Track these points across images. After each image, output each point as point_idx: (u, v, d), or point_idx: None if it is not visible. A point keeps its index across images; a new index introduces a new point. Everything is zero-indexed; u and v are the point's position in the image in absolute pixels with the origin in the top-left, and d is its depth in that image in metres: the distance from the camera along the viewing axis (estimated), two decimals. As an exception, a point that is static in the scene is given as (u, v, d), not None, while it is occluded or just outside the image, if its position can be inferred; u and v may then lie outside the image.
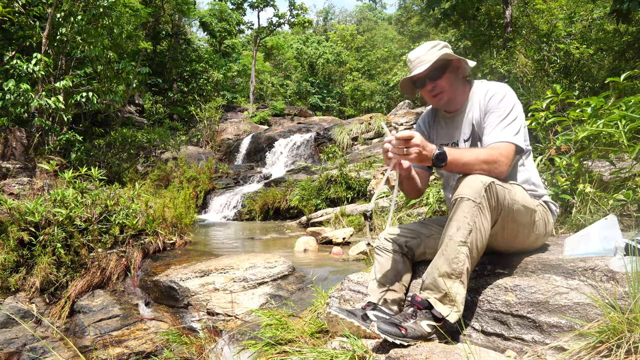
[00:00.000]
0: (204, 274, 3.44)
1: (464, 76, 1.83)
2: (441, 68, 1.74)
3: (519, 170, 1.75)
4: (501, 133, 1.63)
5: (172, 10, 19.61)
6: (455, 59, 1.77)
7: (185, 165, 11.05)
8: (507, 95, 1.70)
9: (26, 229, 3.88)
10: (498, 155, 1.57)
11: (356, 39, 35.38)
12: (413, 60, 1.79)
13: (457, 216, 1.50)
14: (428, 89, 1.78)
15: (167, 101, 19.41)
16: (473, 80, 1.85)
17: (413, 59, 1.79)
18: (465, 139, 1.80)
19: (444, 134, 1.90)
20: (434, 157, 1.49)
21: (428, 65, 1.70)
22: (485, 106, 1.72)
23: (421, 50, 1.78)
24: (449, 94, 1.78)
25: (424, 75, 1.75)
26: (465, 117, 1.80)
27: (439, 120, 1.94)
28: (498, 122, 1.66)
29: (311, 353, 1.61)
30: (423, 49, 1.78)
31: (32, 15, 8.13)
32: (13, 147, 7.01)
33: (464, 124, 1.81)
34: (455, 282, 1.50)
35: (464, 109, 1.81)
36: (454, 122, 1.86)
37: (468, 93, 1.82)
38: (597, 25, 8.90)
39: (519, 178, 1.74)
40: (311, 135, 14.01)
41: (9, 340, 3.23)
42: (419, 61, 1.76)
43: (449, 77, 1.76)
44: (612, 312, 1.25)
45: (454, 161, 1.51)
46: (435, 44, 1.78)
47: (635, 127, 2.49)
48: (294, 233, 6.26)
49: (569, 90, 4.81)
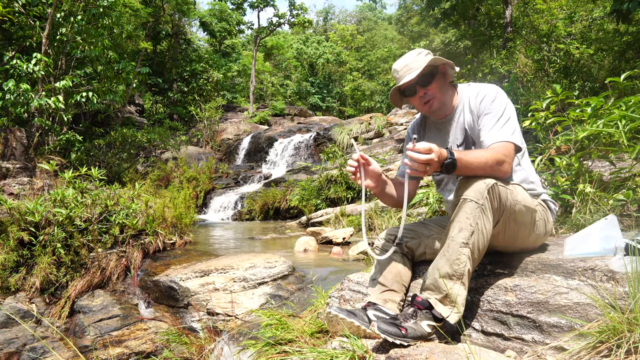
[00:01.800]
0: (204, 274, 3.44)
1: (451, 81, 1.83)
2: (430, 74, 1.73)
3: (515, 170, 1.75)
4: (499, 133, 1.63)
5: (172, 10, 19.62)
6: (441, 65, 1.76)
7: (185, 165, 11.06)
8: (499, 96, 1.70)
9: (26, 229, 3.88)
10: (502, 156, 1.56)
11: (356, 39, 35.40)
12: (400, 70, 1.76)
13: (459, 217, 1.50)
14: (419, 95, 1.76)
15: (167, 101, 19.42)
16: (457, 84, 1.85)
17: (399, 68, 1.76)
18: (459, 144, 1.80)
19: (435, 141, 1.88)
20: (443, 167, 1.46)
21: (418, 72, 1.68)
22: (478, 108, 1.72)
23: (407, 58, 1.76)
24: (439, 100, 1.77)
25: (414, 82, 1.73)
26: (456, 122, 1.80)
27: (429, 127, 1.93)
28: (494, 123, 1.65)
29: (311, 353, 1.61)
30: (409, 57, 1.76)
31: (32, 15, 8.13)
32: (13, 147, 7.02)
33: (456, 129, 1.81)
34: (456, 283, 1.50)
35: (454, 114, 1.81)
36: (444, 128, 1.85)
37: (456, 98, 1.81)
38: (597, 25, 8.90)
39: (517, 178, 1.74)
40: (311, 135, 14.01)
41: (9, 340, 3.23)
42: (407, 69, 1.73)
43: (439, 82, 1.76)
44: (612, 312, 1.25)
45: (463, 167, 1.49)
46: (419, 51, 1.77)
47: (635, 127, 2.49)
48: (294, 233, 6.26)
49: (569, 90, 4.81)
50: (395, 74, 1.79)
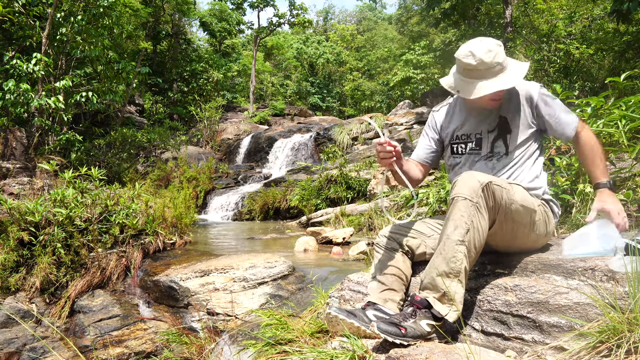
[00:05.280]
0: (204, 274, 3.44)
1: None
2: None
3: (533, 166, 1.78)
4: (569, 116, 1.76)
5: (172, 10, 19.62)
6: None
7: (185, 165, 11.05)
8: (542, 88, 1.78)
9: (26, 229, 3.88)
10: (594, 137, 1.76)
11: (356, 39, 35.40)
12: (478, 64, 1.63)
13: (454, 215, 1.51)
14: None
15: (167, 101, 19.42)
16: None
17: (492, 63, 1.63)
18: (490, 130, 1.81)
19: (467, 122, 1.87)
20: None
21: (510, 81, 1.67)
22: (530, 102, 1.76)
23: (490, 55, 1.62)
24: (500, 95, 1.76)
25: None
26: (496, 111, 1.80)
27: (463, 110, 1.91)
28: (560, 110, 1.76)
29: (311, 353, 1.61)
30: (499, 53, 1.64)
31: (32, 15, 8.13)
32: (13, 147, 7.02)
33: (491, 117, 1.81)
34: (453, 281, 1.50)
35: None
36: (482, 113, 1.83)
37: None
38: (597, 25, 8.90)
39: (532, 174, 1.76)
40: (311, 135, 14.01)
41: (9, 340, 3.23)
42: (500, 67, 1.65)
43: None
44: (612, 312, 1.25)
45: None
46: (490, 48, 1.63)
47: (635, 127, 2.49)
48: (294, 233, 6.26)
49: (569, 90, 4.81)
50: (470, 59, 1.63)
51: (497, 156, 1.79)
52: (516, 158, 1.77)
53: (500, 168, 1.78)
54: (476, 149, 1.84)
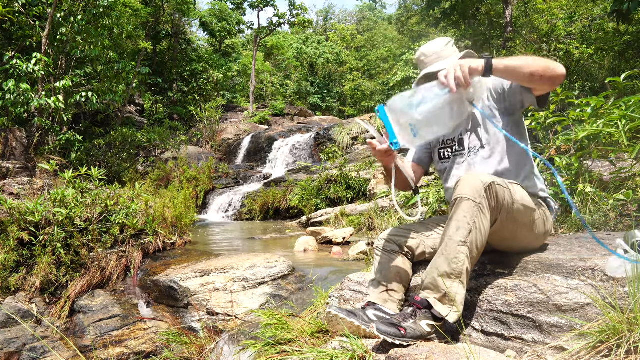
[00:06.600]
0: (204, 274, 3.44)
1: None
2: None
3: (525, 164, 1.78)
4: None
5: (172, 10, 19.62)
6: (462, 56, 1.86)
7: (185, 165, 11.06)
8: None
9: (26, 229, 3.88)
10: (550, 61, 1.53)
11: (356, 39, 35.38)
12: (429, 56, 1.85)
13: (457, 216, 1.51)
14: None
15: (167, 101, 19.42)
16: None
17: (429, 54, 1.85)
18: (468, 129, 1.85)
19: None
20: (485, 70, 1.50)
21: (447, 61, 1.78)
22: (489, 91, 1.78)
23: (436, 46, 1.86)
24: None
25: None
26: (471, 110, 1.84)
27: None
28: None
29: (311, 353, 1.61)
30: (439, 45, 1.86)
31: (32, 15, 8.13)
32: (13, 147, 7.02)
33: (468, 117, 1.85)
34: (454, 282, 1.50)
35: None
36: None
37: None
38: (597, 25, 8.90)
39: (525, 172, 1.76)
40: (311, 135, 14.00)
41: (9, 340, 3.23)
42: (436, 56, 1.83)
43: None
44: (612, 312, 1.25)
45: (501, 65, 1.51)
46: (447, 41, 1.87)
47: (635, 127, 2.49)
48: (294, 233, 6.26)
49: (569, 90, 4.81)
50: (423, 57, 1.88)
51: (474, 150, 1.82)
52: (493, 147, 1.78)
53: (480, 161, 1.79)
54: (460, 150, 1.87)
